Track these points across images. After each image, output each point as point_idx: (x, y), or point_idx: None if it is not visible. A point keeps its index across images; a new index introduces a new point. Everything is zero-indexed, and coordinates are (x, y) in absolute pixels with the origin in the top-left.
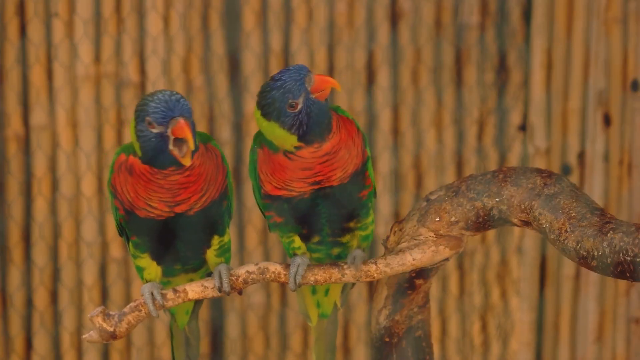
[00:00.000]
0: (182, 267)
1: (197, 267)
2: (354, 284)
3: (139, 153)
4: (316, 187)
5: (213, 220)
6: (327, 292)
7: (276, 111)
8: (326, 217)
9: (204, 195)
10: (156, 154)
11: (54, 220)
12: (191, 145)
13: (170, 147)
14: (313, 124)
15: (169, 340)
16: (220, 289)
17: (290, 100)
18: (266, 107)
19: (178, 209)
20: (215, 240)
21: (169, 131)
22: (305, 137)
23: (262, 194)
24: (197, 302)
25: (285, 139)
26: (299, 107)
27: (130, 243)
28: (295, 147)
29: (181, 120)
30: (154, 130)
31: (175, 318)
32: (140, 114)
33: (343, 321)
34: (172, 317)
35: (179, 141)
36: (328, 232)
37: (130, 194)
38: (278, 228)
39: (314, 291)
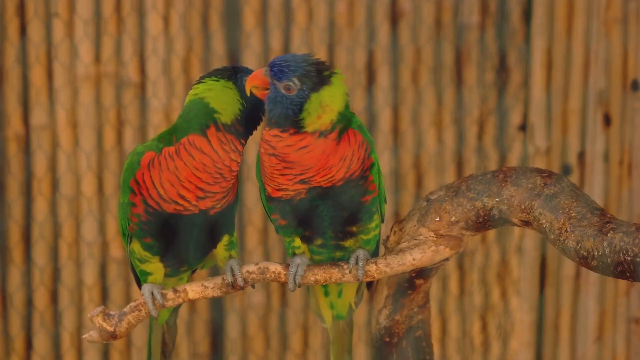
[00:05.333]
0: (188, 268)
1: (195, 267)
2: (369, 285)
3: (229, 118)
4: (305, 186)
5: (227, 221)
6: (340, 293)
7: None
8: (328, 219)
9: (225, 198)
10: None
11: (54, 220)
12: None
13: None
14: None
15: (147, 333)
16: (232, 285)
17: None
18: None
19: (203, 205)
20: (226, 238)
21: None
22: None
23: (266, 197)
24: None
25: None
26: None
27: (140, 245)
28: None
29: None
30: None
31: None
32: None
33: None
34: None
35: None
36: (331, 235)
37: (164, 185)
38: (283, 231)
39: (326, 293)
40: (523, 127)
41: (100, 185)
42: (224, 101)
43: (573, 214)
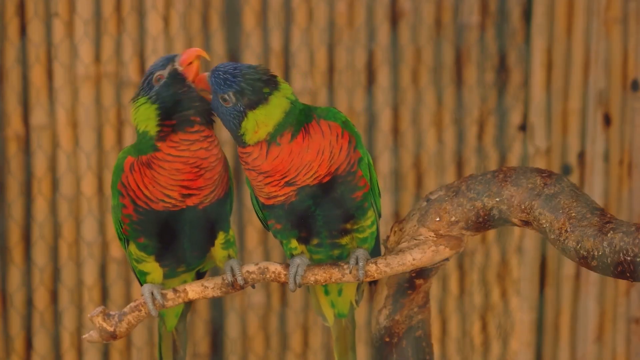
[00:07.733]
0: (186, 269)
1: (194, 268)
2: (371, 283)
3: (154, 129)
4: (293, 187)
5: (219, 217)
6: (340, 292)
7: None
8: (322, 219)
9: (213, 192)
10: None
11: (54, 220)
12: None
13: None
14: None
15: (157, 341)
16: (232, 284)
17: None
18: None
19: (190, 202)
20: (221, 235)
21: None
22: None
23: (259, 206)
24: (187, 306)
25: None
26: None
27: (135, 246)
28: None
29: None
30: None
31: (164, 321)
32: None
33: None
34: (160, 319)
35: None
36: (326, 235)
37: (148, 187)
38: (280, 234)
39: (326, 292)
40: (523, 127)
41: (100, 185)
42: (145, 120)
43: (573, 214)
